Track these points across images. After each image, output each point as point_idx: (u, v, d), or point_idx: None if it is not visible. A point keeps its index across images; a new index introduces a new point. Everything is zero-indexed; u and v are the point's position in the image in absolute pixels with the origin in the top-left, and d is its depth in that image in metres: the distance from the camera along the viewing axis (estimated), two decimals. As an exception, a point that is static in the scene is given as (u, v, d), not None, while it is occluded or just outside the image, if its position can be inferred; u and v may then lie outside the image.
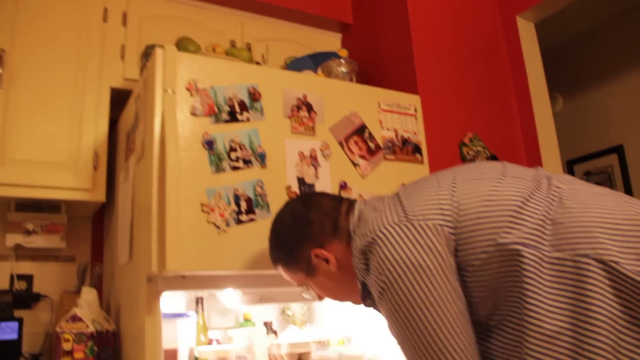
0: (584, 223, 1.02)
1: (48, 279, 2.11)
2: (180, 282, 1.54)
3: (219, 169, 1.58)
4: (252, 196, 1.60)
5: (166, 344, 1.64)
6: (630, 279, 0.95)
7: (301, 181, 1.70)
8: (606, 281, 0.97)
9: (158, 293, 1.52)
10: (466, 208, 1.08)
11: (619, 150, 3.71)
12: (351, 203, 1.32)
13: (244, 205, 1.58)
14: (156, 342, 1.51)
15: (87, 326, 1.69)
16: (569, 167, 3.94)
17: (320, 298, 1.43)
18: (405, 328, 1.04)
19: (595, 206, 1.05)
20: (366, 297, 1.19)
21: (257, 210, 1.60)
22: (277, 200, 1.64)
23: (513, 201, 1.08)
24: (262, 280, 1.52)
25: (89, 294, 1.76)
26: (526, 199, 1.08)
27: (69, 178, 1.91)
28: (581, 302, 0.98)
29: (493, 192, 1.10)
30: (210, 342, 1.91)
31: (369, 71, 2.51)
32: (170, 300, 1.85)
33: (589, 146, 3.86)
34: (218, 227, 1.54)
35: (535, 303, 1.01)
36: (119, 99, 2.10)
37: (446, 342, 1.01)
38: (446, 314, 1.02)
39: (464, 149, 2.21)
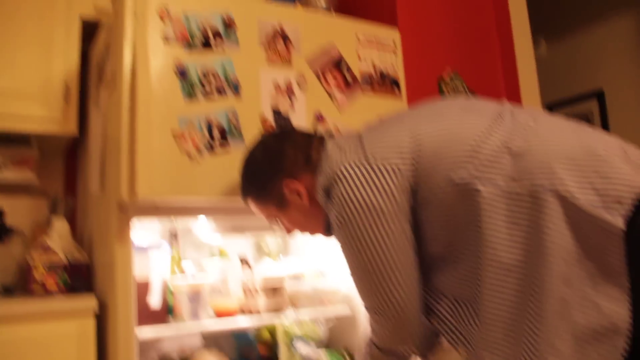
0: (544, 157, 1.03)
1: (20, 213, 2.08)
2: (152, 210, 1.53)
3: (191, 97, 1.54)
4: (225, 126, 1.57)
5: (138, 274, 1.63)
6: (585, 212, 0.97)
7: (276, 112, 1.67)
8: (561, 214, 0.98)
9: (129, 221, 1.50)
10: (425, 148, 1.11)
11: (599, 95, 3.71)
12: (322, 139, 1.33)
13: (217, 134, 1.56)
14: (127, 272, 1.51)
15: (59, 256, 1.67)
16: (549, 111, 3.94)
17: (289, 232, 1.44)
18: (356, 261, 1.12)
19: (556, 139, 1.06)
20: (330, 229, 1.21)
21: (230, 140, 1.57)
22: (251, 131, 1.62)
23: (471, 138, 1.09)
24: (235, 210, 1.50)
25: (60, 225, 1.74)
26: (485, 135, 1.09)
27: (38, 109, 1.86)
28: (537, 234, 1.00)
29: (452, 129, 1.12)
30: (184, 274, 1.91)
31: (349, 4, 2.45)
32: (145, 234, 1.84)
33: (570, 91, 3.85)
34: (190, 156, 1.51)
35: (492, 234, 1.04)
36: (90, 31, 2.03)
37: (388, 277, 1.09)
38: (392, 253, 1.09)
39: (443, 86, 2.18)
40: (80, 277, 1.72)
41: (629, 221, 0.94)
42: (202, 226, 1.91)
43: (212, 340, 2.15)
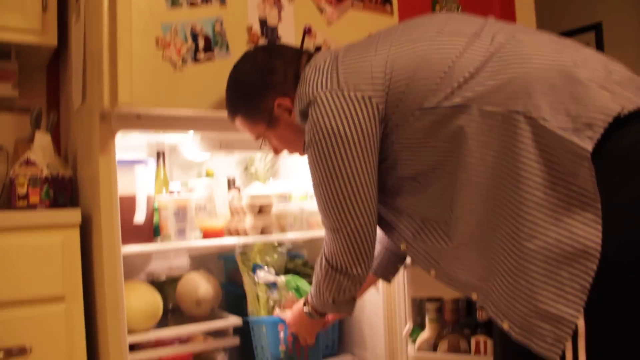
0: (520, 81, 1.02)
1: (2, 130, 2.03)
2: (135, 121, 1.49)
3: (175, 4, 1.48)
4: (210, 34, 1.51)
5: (123, 190, 1.61)
6: (554, 134, 0.96)
7: (263, 23, 1.61)
8: (532, 139, 0.98)
9: (112, 132, 1.46)
10: (398, 75, 1.11)
11: (597, 28, 3.64)
12: (310, 55, 1.32)
13: (201, 43, 1.50)
14: (111, 185, 1.48)
15: (42, 170, 1.64)
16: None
17: (277, 152, 1.42)
18: (320, 183, 1.17)
19: (535, 62, 1.04)
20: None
21: (215, 49, 1.52)
22: (237, 41, 1.56)
23: (445, 63, 1.09)
24: (221, 124, 1.47)
25: (42, 138, 1.70)
26: (459, 59, 1.08)
27: (15, 17, 1.78)
28: (508, 158, 1.00)
29: (426, 54, 1.12)
30: (171, 193, 1.89)
31: None
32: (130, 151, 1.81)
33: (568, 23, 3.77)
34: (174, 65, 1.46)
35: (464, 156, 1.05)
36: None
37: (350, 202, 1.15)
38: (355, 180, 1.13)
39: (437, 5, 2.12)
40: (64, 192, 1.70)
41: (598, 145, 0.94)
42: (188, 144, 1.87)
43: (200, 263, 2.16)
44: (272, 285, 1.87)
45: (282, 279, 1.87)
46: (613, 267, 0.94)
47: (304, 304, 1.51)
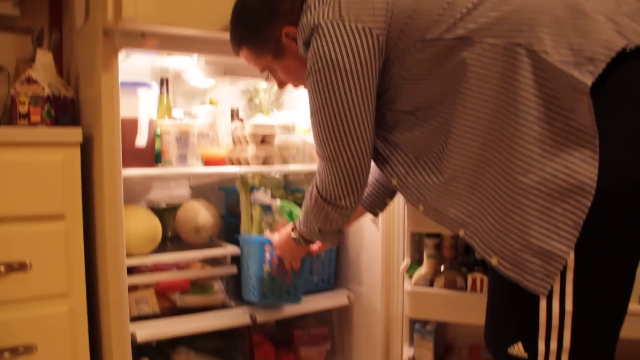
0: (524, 13, 1.00)
1: (3, 51, 1.99)
2: (139, 40, 1.46)
3: None
4: (219, -49, 1.47)
5: (125, 112, 1.59)
6: (554, 67, 0.95)
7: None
8: (532, 72, 0.97)
9: (115, 50, 1.44)
10: (400, 5, 1.10)
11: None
12: None
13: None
14: (113, 106, 1.46)
15: (43, 89, 1.62)
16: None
17: (282, 85, 1.41)
18: (317, 112, 1.17)
19: None
20: None
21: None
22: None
23: None
24: (227, 48, 1.43)
25: (44, 57, 1.67)
26: None
27: None
28: (507, 91, 0.99)
29: None
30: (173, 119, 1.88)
31: None
32: (133, 73, 1.78)
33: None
34: (180, -19, 1.42)
35: (463, 89, 1.04)
36: None
37: (345, 132, 1.14)
38: (352, 112, 1.13)
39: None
40: (65, 113, 1.68)
41: (601, 79, 0.93)
42: (192, 70, 1.84)
43: (200, 194, 2.17)
44: (266, 208, 1.88)
45: (277, 202, 1.88)
46: (607, 203, 0.94)
47: (292, 229, 1.53)
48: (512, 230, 1.00)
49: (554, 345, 0.99)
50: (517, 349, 1.04)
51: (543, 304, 0.99)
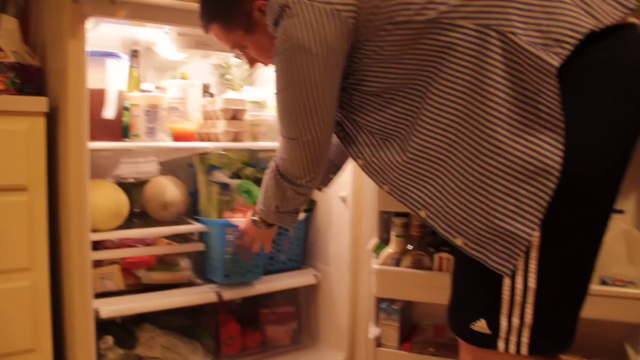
0: None
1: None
2: (109, 7, 1.42)
3: None
4: None
5: (93, 83, 1.56)
6: (522, 49, 0.95)
7: None
8: (501, 54, 0.97)
9: (83, 17, 1.41)
10: None
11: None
12: None
13: None
14: (80, 74, 1.44)
15: (7, 56, 1.57)
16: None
17: (252, 63, 1.39)
18: (283, 91, 1.16)
19: None
20: None
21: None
22: None
23: None
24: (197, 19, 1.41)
25: (8, 23, 1.62)
26: None
27: None
28: (477, 73, 0.99)
29: None
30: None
31: None
32: (102, 44, 1.74)
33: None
34: (151, -51, 1.39)
35: (434, 71, 1.04)
36: None
37: (309, 113, 1.15)
38: (316, 93, 1.12)
39: None
40: (31, 82, 1.63)
41: (567, 61, 0.93)
42: (163, 43, 1.81)
43: (169, 170, 2.13)
44: (225, 187, 1.88)
45: (235, 181, 1.88)
46: (572, 185, 0.95)
47: (253, 213, 1.56)
48: (477, 212, 1.00)
49: (516, 321, 1.00)
50: (481, 325, 1.05)
51: (507, 281, 1.00)
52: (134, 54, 1.88)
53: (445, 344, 1.89)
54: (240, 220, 1.72)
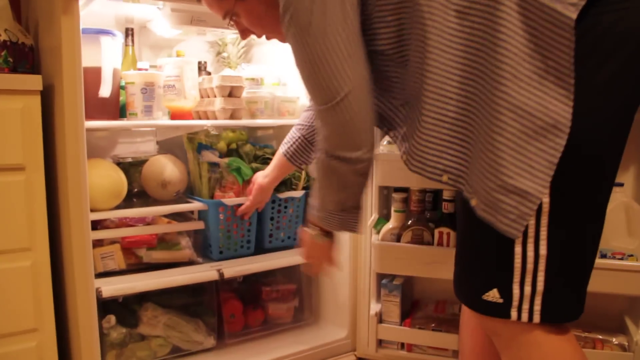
0: None
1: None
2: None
3: None
4: None
5: (88, 61, 1.54)
6: (539, 2, 0.92)
7: None
8: (515, 7, 0.93)
9: (76, -5, 1.38)
10: None
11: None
12: None
13: None
14: (74, 52, 1.41)
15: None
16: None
17: (245, 35, 1.33)
18: (303, 53, 1.06)
19: None
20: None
21: None
22: None
23: None
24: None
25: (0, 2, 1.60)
26: None
27: None
28: (488, 28, 0.96)
29: None
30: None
31: None
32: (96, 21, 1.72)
33: None
34: None
35: (440, 20, 0.99)
36: None
37: (337, 68, 1.04)
38: (340, 44, 1.04)
39: None
40: (24, 59, 1.61)
41: (581, 13, 0.90)
42: (158, 20, 1.79)
43: (167, 149, 2.12)
44: (214, 165, 1.89)
45: (224, 160, 1.89)
46: (578, 147, 0.94)
47: (308, 227, 1.35)
48: (487, 170, 0.98)
49: (528, 289, 1.00)
50: (493, 295, 1.04)
51: (518, 249, 0.99)
52: (129, 32, 1.86)
53: (446, 319, 1.90)
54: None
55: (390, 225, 1.81)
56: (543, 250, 0.98)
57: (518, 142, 0.95)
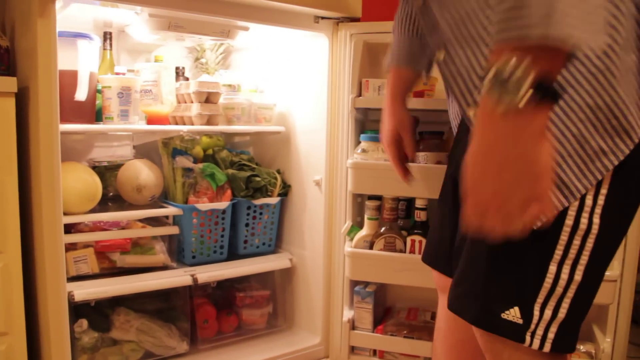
0: None
1: None
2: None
3: None
4: None
5: (64, 64, 1.54)
6: None
7: None
8: None
9: (53, -2, 1.38)
10: None
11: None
12: None
13: None
14: (50, 55, 1.41)
15: (-24, 36, 1.55)
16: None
17: None
18: None
19: None
20: None
21: None
22: None
23: None
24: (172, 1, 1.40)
25: (-23, 3, 1.59)
26: None
27: None
28: None
29: None
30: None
31: None
32: (73, 25, 1.72)
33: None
34: None
35: None
36: None
37: None
38: None
39: None
40: (1, 64, 1.61)
41: None
42: (136, 25, 1.79)
43: (144, 154, 2.12)
44: (188, 171, 1.91)
45: (198, 165, 1.91)
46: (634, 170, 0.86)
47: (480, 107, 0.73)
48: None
49: (548, 313, 0.90)
50: (513, 313, 0.92)
51: (553, 268, 0.89)
52: (107, 36, 1.86)
53: (419, 326, 1.92)
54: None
55: (363, 232, 1.83)
56: (578, 276, 0.89)
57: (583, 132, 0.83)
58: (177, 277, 1.82)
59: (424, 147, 1.74)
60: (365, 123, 2.00)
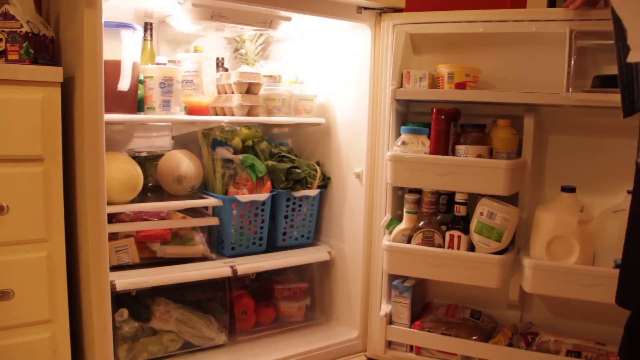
0: None
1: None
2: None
3: None
4: None
5: (108, 54, 1.55)
6: None
7: None
8: None
9: (99, -15, 1.38)
10: None
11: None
12: None
13: None
14: (96, 44, 1.41)
15: (21, 25, 1.55)
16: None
17: None
18: None
19: None
20: None
21: None
22: None
23: None
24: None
25: (23, -6, 1.60)
26: None
27: None
28: None
29: None
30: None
31: None
32: (117, 15, 1.72)
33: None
34: None
35: None
36: None
37: None
38: None
39: None
40: (45, 52, 1.61)
41: None
42: (178, 15, 1.79)
43: (183, 144, 2.13)
44: (228, 162, 1.90)
45: (238, 156, 1.90)
46: None
47: None
48: None
49: None
50: None
51: None
52: (148, 27, 1.86)
53: (456, 323, 1.89)
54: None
55: (402, 226, 1.80)
56: None
57: None
58: (217, 269, 1.82)
59: (464, 139, 1.71)
60: (407, 115, 1.97)
